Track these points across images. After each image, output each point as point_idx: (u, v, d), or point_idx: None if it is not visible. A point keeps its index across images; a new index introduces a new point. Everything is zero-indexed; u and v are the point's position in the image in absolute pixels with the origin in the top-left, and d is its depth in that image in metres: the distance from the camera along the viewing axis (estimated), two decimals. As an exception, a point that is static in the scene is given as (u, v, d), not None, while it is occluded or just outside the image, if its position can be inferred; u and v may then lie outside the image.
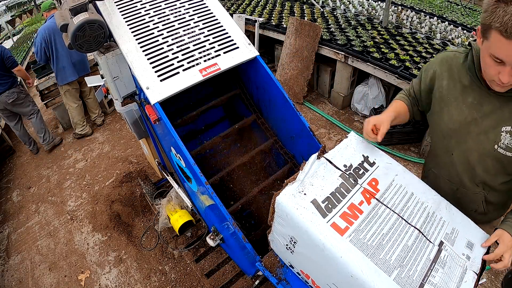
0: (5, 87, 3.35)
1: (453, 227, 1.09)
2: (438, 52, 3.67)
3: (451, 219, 1.12)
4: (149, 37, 1.59)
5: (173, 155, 1.67)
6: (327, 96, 4.34)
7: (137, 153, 3.64)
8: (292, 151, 1.83)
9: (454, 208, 1.16)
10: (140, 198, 3.00)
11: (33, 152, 3.94)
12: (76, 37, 1.44)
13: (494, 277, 2.39)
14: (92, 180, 3.40)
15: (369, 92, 3.82)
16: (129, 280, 2.48)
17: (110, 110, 4.46)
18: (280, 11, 4.97)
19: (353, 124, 3.90)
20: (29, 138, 3.85)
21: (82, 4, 1.45)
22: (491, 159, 1.12)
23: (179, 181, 1.99)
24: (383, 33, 4.03)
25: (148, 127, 1.94)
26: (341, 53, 3.69)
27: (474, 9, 6.15)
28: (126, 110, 1.92)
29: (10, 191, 3.45)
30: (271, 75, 1.70)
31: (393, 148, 3.51)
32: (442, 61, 1.21)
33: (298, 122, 1.68)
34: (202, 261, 2.34)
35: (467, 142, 1.16)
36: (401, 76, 3.23)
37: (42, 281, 2.55)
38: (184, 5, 1.75)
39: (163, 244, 2.63)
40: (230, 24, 1.76)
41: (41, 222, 3.04)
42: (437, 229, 1.06)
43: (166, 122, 1.47)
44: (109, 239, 2.78)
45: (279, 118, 1.81)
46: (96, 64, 4.25)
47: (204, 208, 1.71)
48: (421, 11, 5.06)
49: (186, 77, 1.54)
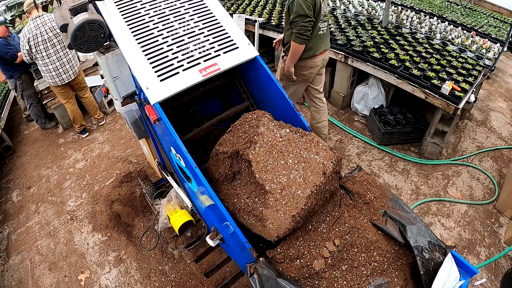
0: (7, 76, 3.77)
1: None
2: (438, 52, 3.67)
3: None
4: (149, 37, 1.59)
5: (173, 155, 1.67)
6: (327, 96, 4.34)
7: (137, 153, 3.64)
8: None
9: None
10: (140, 198, 3.00)
11: (41, 128, 4.28)
12: (76, 37, 1.44)
13: (494, 277, 2.39)
14: (92, 180, 3.40)
15: (369, 92, 3.82)
16: (129, 280, 2.48)
17: (110, 110, 4.45)
18: (280, 11, 4.96)
19: (353, 124, 3.90)
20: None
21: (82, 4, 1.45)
22: None
23: (179, 181, 1.99)
24: (383, 33, 4.03)
25: (148, 127, 1.94)
26: (341, 53, 3.69)
27: (474, 9, 6.15)
28: (126, 110, 1.91)
29: (10, 191, 3.45)
30: (271, 75, 1.71)
31: (393, 148, 3.51)
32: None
33: (298, 122, 1.68)
34: (202, 261, 2.34)
35: None
36: (401, 76, 3.23)
37: (42, 281, 2.55)
38: (184, 5, 1.75)
39: (163, 244, 2.63)
40: (230, 24, 1.76)
41: (41, 222, 3.04)
42: None
43: (166, 122, 1.47)
44: (109, 239, 2.78)
45: (279, 118, 1.81)
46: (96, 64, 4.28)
47: (204, 208, 1.71)
48: (421, 11, 5.06)
49: (186, 77, 1.54)
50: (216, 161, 1.54)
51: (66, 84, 3.64)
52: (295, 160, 1.39)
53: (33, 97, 3.99)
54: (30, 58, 3.37)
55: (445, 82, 3.04)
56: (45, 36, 3.30)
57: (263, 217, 1.29)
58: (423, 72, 3.20)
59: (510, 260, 2.50)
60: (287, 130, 1.48)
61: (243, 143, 1.44)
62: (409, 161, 3.38)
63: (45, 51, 3.34)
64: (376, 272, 1.31)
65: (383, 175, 3.23)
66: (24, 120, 4.57)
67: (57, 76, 3.50)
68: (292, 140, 1.45)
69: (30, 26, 3.25)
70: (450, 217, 2.83)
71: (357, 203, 1.52)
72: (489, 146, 3.59)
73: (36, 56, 3.35)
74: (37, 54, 3.33)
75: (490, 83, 4.87)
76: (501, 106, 4.34)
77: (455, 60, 3.51)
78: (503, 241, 2.64)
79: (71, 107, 3.81)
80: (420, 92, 3.11)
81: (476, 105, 4.23)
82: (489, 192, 3.05)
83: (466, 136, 3.75)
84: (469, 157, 3.44)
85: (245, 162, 1.41)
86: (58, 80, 3.53)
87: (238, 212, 1.42)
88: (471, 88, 3.10)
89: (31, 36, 3.23)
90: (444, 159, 3.40)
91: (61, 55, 3.45)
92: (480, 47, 3.87)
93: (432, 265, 1.28)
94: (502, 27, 5.03)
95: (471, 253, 2.56)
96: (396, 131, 3.44)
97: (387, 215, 1.45)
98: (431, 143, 3.31)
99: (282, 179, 1.34)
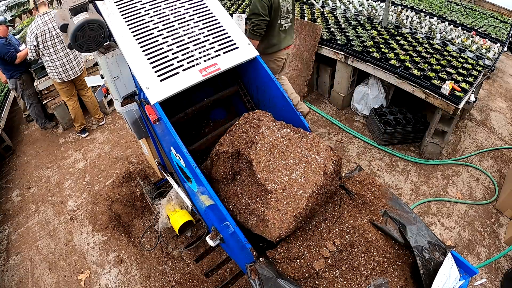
0: (7, 75, 3.76)
1: None
2: (438, 52, 3.67)
3: None
4: (149, 37, 1.59)
5: (173, 155, 1.67)
6: (327, 96, 4.34)
7: (137, 153, 3.64)
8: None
9: None
10: (140, 198, 3.00)
11: (41, 127, 4.28)
12: (76, 37, 1.44)
13: (494, 277, 2.39)
14: (92, 180, 3.40)
15: (369, 92, 3.82)
16: (129, 280, 2.48)
17: (110, 110, 4.45)
18: (280, 11, 4.96)
19: (353, 124, 3.90)
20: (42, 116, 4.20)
21: (82, 4, 1.45)
22: None
23: (179, 181, 1.99)
24: (383, 33, 4.03)
25: (148, 127, 1.94)
26: (341, 53, 3.69)
27: (474, 9, 6.15)
28: (126, 110, 1.91)
29: (10, 191, 3.45)
30: (271, 75, 1.71)
31: (393, 148, 3.51)
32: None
33: (298, 122, 1.68)
34: (202, 261, 2.34)
35: None
36: (401, 76, 3.23)
37: (42, 281, 2.55)
38: (184, 5, 1.75)
39: (163, 244, 2.63)
40: (230, 24, 1.76)
41: (41, 222, 3.04)
42: None
43: (166, 122, 1.47)
44: (109, 239, 2.78)
45: (279, 118, 1.81)
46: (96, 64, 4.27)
47: (204, 208, 1.71)
48: (421, 11, 5.06)
49: (186, 77, 1.54)
50: (216, 161, 1.54)
51: (70, 81, 3.66)
52: (296, 160, 1.39)
53: (33, 97, 4.00)
54: (36, 54, 3.37)
55: (445, 82, 3.04)
56: (53, 33, 3.31)
57: (265, 217, 1.29)
58: (423, 72, 3.20)
59: (510, 260, 2.50)
60: (288, 130, 1.48)
61: (244, 143, 1.44)
62: (409, 161, 3.38)
63: (53, 47, 3.36)
64: (376, 272, 1.31)
65: (383, 175, 3.23)
66: (24, 120, 4.57)
67: (64, 72, 3.52)
68: (293, 140, 1.45)
69: (37, 22, 3.25)
70: (450, 217, 2.83)
71: (357, 203, 1.52)
72: (489, 146, 3.59)
73: (43, 53, 3.36)
74: (44, 50, 3.34)
75: (490, 83, 4.87)
76: (501, 106, 4.34)
77: (455, 60, 3.51)
78: (503, 241, 2.64)
79: (73, 104, 3.82)
80: (420, 92, 3.11)
81: (476, 105, 4.23)
82: (489, 192, 3.05)
83: (466, 136, 3.75)
84: (469, 157, 3.44)
85: (246, 162, 1.40)
86: (64, 76, 3.55)
87: (239, 213, 1.42)
88: (471, 88, 3.10)
89: (39, 32, 3.24)
90: (444, 159, 3.40)
91: (68, 51, 3.47)
92: (480, 47, 3.87)
93: (432, 265, 1.28)
94: (502, 27, 5.03)
95: (471, 253, 2.56)
96: (396, 131, 3.44)
97: (387, 215, 1.45)
98: (431, 143, 3.31)
99: (283, 179, 1.34)
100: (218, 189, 1.56)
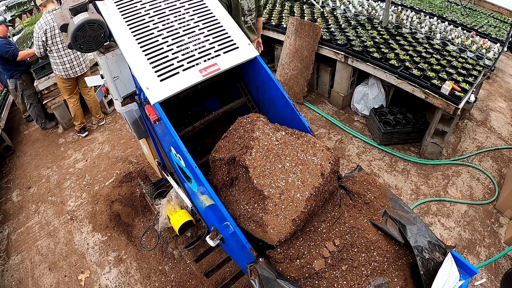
0: (7, 75, 3.77)
1: None
2: (438, 52, 3.67)
3: None
4: (149, 37, 1.59)
5: (173, 155, 1.67)
6: (327, 96, 4.34)
7: (137, 153, 3.64)
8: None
9: None
10: (140, 198, 3.00)
11: (41, 127, 4.29)
12: (76, 37, 1.44)
13: (494, 277, 2.39)
14: (92, 180, 3.40)
15: (369, 92, 3.82)
16: (129, 280, 2.48)
17: (110, 110, 4.45)
18: (280, 11, 4.96)
19: (353, 124, 3.90)
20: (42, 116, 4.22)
21: (82, 4, 1.45)
22: None
23: (179, 181, 1.99)
24: (383, 33, 4.03)
25: (148, 127, 1.94)
26: (341, 53, 3.69)
27: (474, 9, 6.15)
28: (126, 110, 1.91)
29: (10, 191, 3.45)
30: (271, 75, 1.70)
31: (393, 148, 3.51)
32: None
33: (298, 122, 1.68)
34: (202, 261, 2.34)
35: None
36: (401, 76, 3.23)
37: (42, 281, 2.55)
38: (184, 5, 1.75)
39: (163, 244, 2.63)
40: (230, 24, 1.76)
41: (41, 222, 3.04)
42: None
43: (166, 122, 1.47)
44: (109, 239, 2.78)
45: (279, 118, 1.81)
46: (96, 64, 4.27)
47: (204, 208, 1.71)
48: (421, 11, 5.06)
49: (186, 77, 1.54)
50: (213, 168, 1.53)
51: (74, 79, 3.68)
52: (292, 163, 1.38)
53: (33, 97, 4.00)
54: (44, 50, 3.36)
55: (445, 82, 3.04)
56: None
57: (263, 223, 1.29)
58: (423, 72, 3.20)
59: (510, 260, 2.50)
60: (282, 133, 1.47)
61: (239, 148, 1.43)
62: (409, 161, 3.38)
63: (62, 43, 3.37)
64: (376, 272, 1.31)
65: (383, 175, 3.23)
66: (24, 120, 4.58)
67: (71, 68, 3.54)
68: (289, 142, 1.44)
69: (46, 18, 3.26)
70: (450, 217, 2.83)
71: (357, 203, 1.52)
72: (489, 146, 3.59)
73: (52, 49, 3.36)
74: (52, 46, 3.35)
75: (490, 83, 4.87)
76: (501, 106, 4.34)
77: (455, 60, 3.51)
78: (503, 241, 2.64)
79: (74, 102, 3.83)
80: (420, 92, 3.11)
81: (476, 105, 4.23)
82: (489, 192, 3.05)
83: (466, 136, 3.75)
84: (469, 157, 3.44)
85: (242, 168, 1.40)
86: (71, 73, 3.56)
87: (239, 218, 1.42)
88: (471, 88, 3.10)
89: (48, 28, 3.24)
90: (444, 159, 3.40)
91: None
92: (480, 47, 3.87)
93: (432, 265, 1.28)
94: (502, 27, 5.03)
95: (471, 253, 2.56)
96: (396, 131, 3.44)
97: (387, 215, 1.45)
98: (431, 143, 3.31)
99: (280, 183, 1.33)
100: (217, 195, 1.56)
